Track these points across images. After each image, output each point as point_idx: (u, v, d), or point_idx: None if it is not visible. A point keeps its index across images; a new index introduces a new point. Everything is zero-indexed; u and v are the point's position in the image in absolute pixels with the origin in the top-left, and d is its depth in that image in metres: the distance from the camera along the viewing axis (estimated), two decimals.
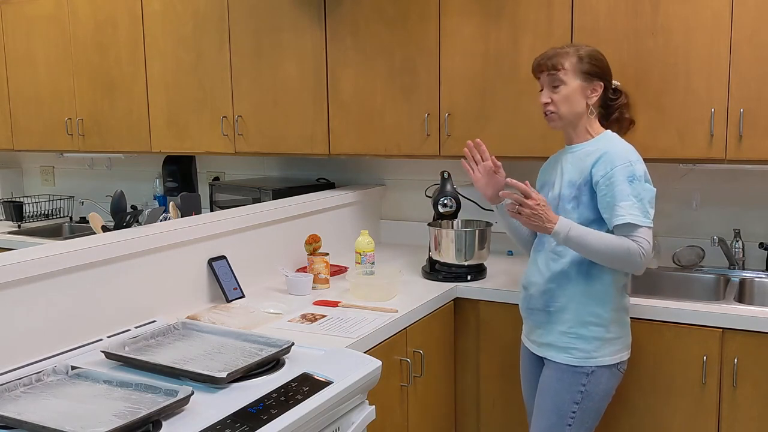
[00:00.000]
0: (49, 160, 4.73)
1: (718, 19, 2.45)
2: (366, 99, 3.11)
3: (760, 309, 2.36)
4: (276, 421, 1.56)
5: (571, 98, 2.17)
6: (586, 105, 2.18)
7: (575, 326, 2.15)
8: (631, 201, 2.04)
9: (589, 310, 2.14)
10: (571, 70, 2.16)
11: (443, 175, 2.97)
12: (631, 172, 2.06)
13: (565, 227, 2.08)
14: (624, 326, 2.22)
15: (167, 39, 3.55)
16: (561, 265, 2.17)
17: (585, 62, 2.17)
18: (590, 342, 2.15)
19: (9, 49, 4.10)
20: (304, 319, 2.32)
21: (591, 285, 2.14)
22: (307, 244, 2.74)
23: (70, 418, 1.50)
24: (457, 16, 2.88)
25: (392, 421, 2.37)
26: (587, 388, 2.15)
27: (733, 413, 2.34)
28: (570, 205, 2.16)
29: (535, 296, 2.24)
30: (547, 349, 2.22)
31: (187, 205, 2.90)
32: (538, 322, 2.24)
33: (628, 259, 2.05)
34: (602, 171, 2.09)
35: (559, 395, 2.18)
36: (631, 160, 2.08)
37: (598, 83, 2.19)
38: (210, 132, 3.51)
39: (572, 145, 2.23)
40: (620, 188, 2.05)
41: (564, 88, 2.16)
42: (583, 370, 2.15)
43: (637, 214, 2.04)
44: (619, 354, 2.18)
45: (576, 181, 2.16)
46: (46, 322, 1.95)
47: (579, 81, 2.16)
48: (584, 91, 2.17)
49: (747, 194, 2.85)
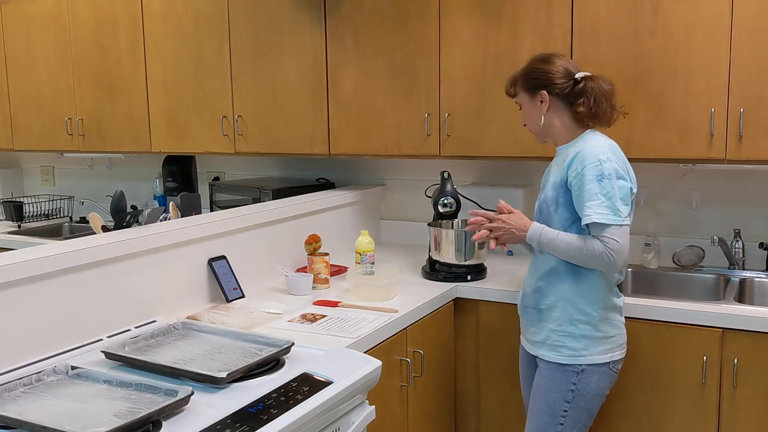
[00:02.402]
0: (49, 160, 4.73)
1: (718, 19, 2.45)
2: (366, 99, 3.11)
3: (760, 309, 2.37)
4: (276, 421, 1.56)
5: (530, 115, 2.26)
6: (542, 116, 2.22)
7: (564, 324, 2.16)
8: (599, 200, 2.04)
9: (577, 308, 2.15)
10: (521, 91, 2.26)
11: (443, 175, 2.96)
12: (600, 171, 2.06)
13: (536, 233, 2.15)
14: (615, 326, 2.20)
15: (167, 39, 3.55)
16: (550, 263, 2.18)
17: (523, 80, 2.25)
18: (579, 340, 2.15)
19: (9, 49, 4.10)
20: (304, 319, 2.32)
21: (579, 283, 2.15)
22: (307, 244, 2.74)
23: (70, 418, 1.50)
24: (457, 16, 2.88)
25: (392, 421, 2.37)
26: (578, 387, 2.15)
27: (733, 413, 2.34)
28: (552, 207, 2.18)
29: (527, 294, 2.27)
30: (539, 347, 2.23)
31: (187, 205, 2.90)
32: (531, 320, 2.26)
33: (597, 259, 2.06)
34: (575, 171, 2.10)
35: (550, 394, 2.18)
36: (600, 158, 2.07)
37: (541, 92, 2.21)
38: (210, 132, 3.51)
39: (558, 147, 2.27)
40: (588, 187, 2.06)
41: (523, 107, 2.28)
42: (573, 368, 2.15)
43: (605, 212, 2.04)
44: (610, 353, 2.17)
45: (557, 183, 2.18)
46: (46, 322, 1.95)
47: (527, 98, 2.25)
48: (535, 104, 2.23)
49: (747, 194, 2.85)
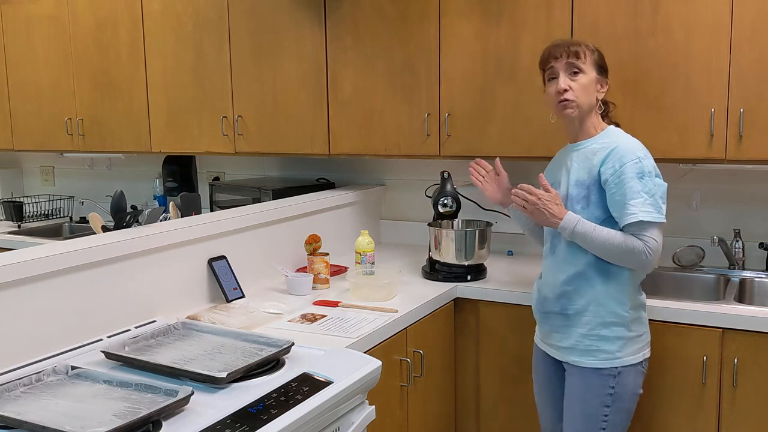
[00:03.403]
0: (49, 160, 4.73)
1: (718, 19, 2.45)
2: (366, 99, 3.11)
3: (760, 309, 2.36)
4: (276, 421, 1.56)
5: (589, 89, 2.13)
6: (596, 99, 2.16)
7: (596, 328, 2.12)
8: (642, 198, 2.02)
9: (609, 310, 2.11)
10: (589, 61, 2.13)
11: (443, 175, 2.97)
12: (640, 168, 2.04)
13: (571, 222, 2.08)
14: (644, 323, 2.19)
15: (167, 39, 3.55)
16: (577, 267, 2.13)
17: (598, 56, 2.16)
18: (613, 342, 2.11)
19: (9, 49, 4.10)
20: (304, 319, 2.32)
21: (609, 285, 2.11)
22: (307, 244, 2.74)
23: (70, 418, 1.50)
24: (457, 16, 2.88)
25: (392, 421, 2.37)
26: (616, 390, 2.11)
27: (733, 413, 2.34)
28: (579, 206, 2.13)
29: (550, 299, 2.21)
30: (569, 353, 2.18)
31: (187, 205, 2.90)
32: (556, 326, 2.21)
33: (634, 258, 2.04)
34: (611, 169, 2.06)
35: (588, 400, 2.14)
36: (639, 156, 2.06)
37: (605, 80, 2.19)
38: (210, 132, 3.51)
39: (577, 143, 2.20)
40: (630, 185, 2.03)
41: (583, 76, 2.12)
42: (610, 371, 2.11)
43: (649, 210, 2.02)
44: (642, 352, 2.16)
45: (585, 181, 2.13)
46: (46, 322, 1.95)
47: (594, 73, 2.14)
48: (597, 84, 2.15)
49: (747, 194, 2.85)
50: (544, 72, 2.21)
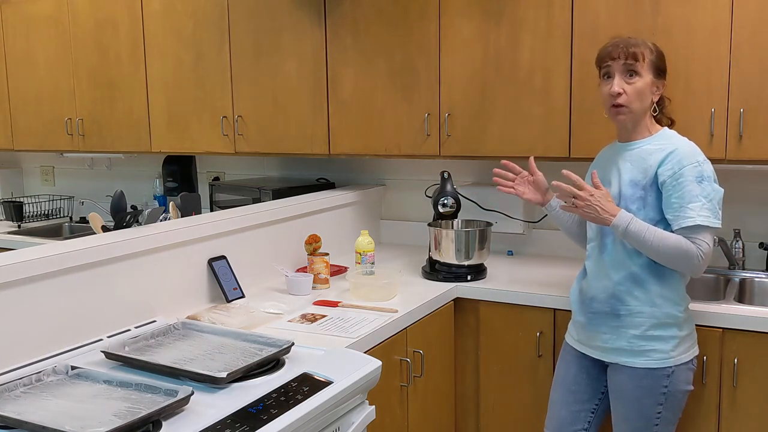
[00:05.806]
0: (49, 160, 4.73)
1: (718, 19, 2.45)
2: (366, 99, 3.11)
3: (760, 309, 2.36)
4: (276, 421, 1.56)
5: (644, 93, 2.09)
6: (651, 102, 2.12)
7: (651, 329, 2.09)
8: (700, 202, 2.00)
9: (664, 311, 2.09)
10: (647, 62, 2.08)
11: (443, 175, 2.96)
12: (699, 172, 2.02)
13: (624, 220, 2.04)
14: (692, 322, 2.19)
15: (167, 39, 3.55)
16: (631, 269, 2.11)
17: (658, 59, 2.11)
18: (668, 342, 2.10)
19: (9, 49, 4.10)
20: (304, 319, 2.32)
21: (663, 286, 2.10)
22: (307, 244, 2.74)
23: (70, 418, 1.50)
24: (457, 16, 2.88)
25: (392, 421, 2.37)
26: (669, 389, 2.10)
27: (733, 413, 2.34)
28: (635, 206, 2.10)
29: (599, 300, 2.18)
30: (618, 354, 2.15)
31: (187, 205, 2.90)
32: (605, 326, 2.17)
33: (686, 261, 2.02)
34: (670, 170, 2.04)
35: (642, 401, 2.12)
36: (699, 159, 2.04)
37: (663, 82, 2.15)
38: (210, 132, 3.51)
39: (629, 142, 2.17)
40: (689, 188, 2.01)
41: (639, 80, 2.08)
42: (664, 371, 2.10)
43: (707, 215, 2.00)
44: (692, 349, 2.16)
45: (640, 181, 2.10)
46: (46, 322, 1.95)
47: (651, 76, 2.10)
48: (653, 87, 2.11)
49: (747, 194, 2.85)
50: (600, 69, 2.17)
